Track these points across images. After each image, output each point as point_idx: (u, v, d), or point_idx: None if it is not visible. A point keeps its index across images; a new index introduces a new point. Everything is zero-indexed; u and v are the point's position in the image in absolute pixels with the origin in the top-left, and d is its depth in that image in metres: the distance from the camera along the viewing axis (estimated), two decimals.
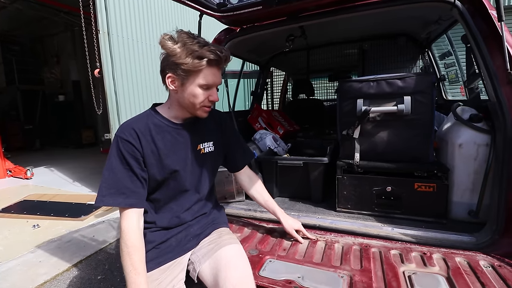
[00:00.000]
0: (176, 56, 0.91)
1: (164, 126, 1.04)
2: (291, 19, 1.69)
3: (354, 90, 1.55)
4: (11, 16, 8.24)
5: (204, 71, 0.94)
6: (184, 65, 0.91)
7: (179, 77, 0.96)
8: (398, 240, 1.35)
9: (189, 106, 1.01)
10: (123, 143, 0.95)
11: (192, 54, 0.91)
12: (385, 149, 1.54)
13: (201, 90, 0.97)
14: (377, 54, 2.62)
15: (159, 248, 1.05)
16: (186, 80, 0.96)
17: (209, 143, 1.17)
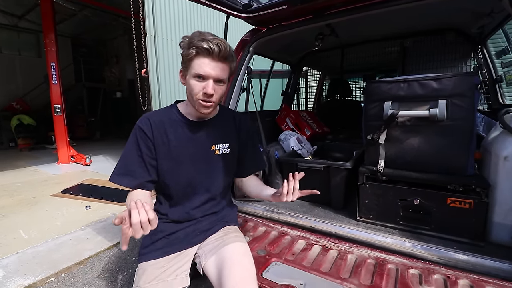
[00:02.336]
0: (182, 49, 0.99)
1: (178, 121, 1.09)
2: (317, 17, 1.63)
3: (382, 91, 1.43)
4: (80, 22, 9.42)
5: (195, 60, 0.96)
6: (184, 57, 0.98)
7: (184, 70, 1.02)
8: (421, 259, 1.22)
9: (190, 100, 1.04)
10: (139, 131, 1.04)
11: (189, 45, 0.95)
12: (414, 157, 1.40)
13: (195, 81, 0.98)
14: (420, 52, 2.37)
15: (168, 239, 1.11)
16: (186, 71, 1.00)
17: (225, 145, 1.16)
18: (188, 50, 0.95)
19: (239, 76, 1.93)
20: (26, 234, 2.90)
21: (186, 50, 0.96)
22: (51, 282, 2.18)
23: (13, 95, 9.71)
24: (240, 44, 1.94)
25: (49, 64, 5.86)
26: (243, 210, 1.80)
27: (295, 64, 2.93)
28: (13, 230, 2.97)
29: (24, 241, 2.76)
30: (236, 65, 1.12)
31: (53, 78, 5.84)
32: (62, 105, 5.97)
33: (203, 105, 1.01)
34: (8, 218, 3.32)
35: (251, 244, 1.39)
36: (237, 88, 1.95)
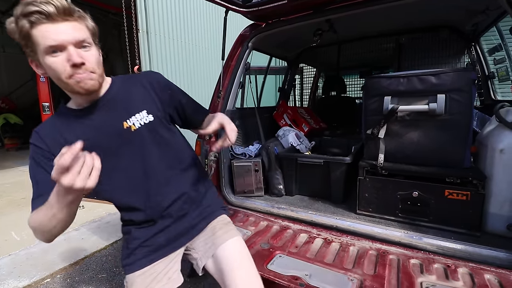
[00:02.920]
0: (12, 32, 0.73)
1: (69, 116, 0.88)
2: (317, 13, 1.64)
3: (382, 86, 1.45)
4: None
5: (34, 33, 0.71)
6: (20, 39, 0.73)
7: (31, 56, 0.77)
8: (421, 249, 1.25)
9: (60, 84, 0.79)
10: (32, 148, 0.87)
11: (16, 21, 0.71)
12: (413, 151, 1.43)
13: (52, 58, 0.73)
14: (415, 49, 2.41)
15: (149, 247, 0.98)
16: (35, 54, 0.75)
17: (141, 114, 0.92)
18: (18, 26, 0.71)
19: (238, 72, 1.92)
20: (18, 235, 2.83)
21: (16, 27, 0.72)
22: (46, 283, 2.14)
23: None
24: (239, 39, 1.93)
25: None
26: (244, 205, 1.80)
27: (292, 60, 2.94)
28: (4, 232, 2.89)
29: (16, 242, 2.69)
30: (95, 25, 0.84)
31: (41, 75, 5.66)
32: (50, 103, 5.81)
33: (79, 79, 0.77)
34: None
35: (254, 238, 1.40)
36: (236, 84, 1.95)
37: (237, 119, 2.18)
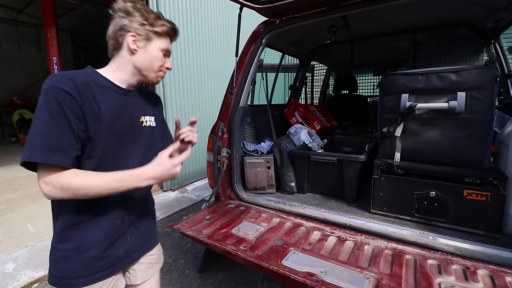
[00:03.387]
0: (141, 15, 0.87)
1: (107, 87, 0.86)
2: (332, 9, 1.62)
3: (399, 84, 1.43)
4: (80, 16, 9.32)
5: (164, 37, 0.92)
6: (150, 26, 0.88)
7: (141, 37, 0.87)
8: (438, 250, 1.23)
9: (146, 69, 0.90)
10: (60, 93, 0.73)
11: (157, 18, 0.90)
12: (431, 150, 1.40)
13: (161, 54, 0.92)
14: (432, 46, 2.36)
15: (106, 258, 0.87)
16: (149, 42, 0.89)
17: (151, 117, 1.00)
18: (160, 25, 0.90)
19: (251, 69, 1.92)
20: (34, 227, 2.91)
21: (157, 20, 0.89)
22: None
23: (14, 90, 9.64)
24: (252, 36, 1.93)
25: (51, 58, 5.80)
26: (256, 202, 1.80)
27: (304, 58, 2.92)
28: (20, 224, 2.97)
29: (32, 234, 2.76)
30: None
31: (55, 72, 5.80)
32: None
33: (160, 76, 0.95)
34: (15, 212, 3.32)
35: (267, 234, 1.40)
36: (249, 81, 1.95)
37: (249, 116, 2.18)
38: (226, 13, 5.08)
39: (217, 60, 4.92)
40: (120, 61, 0.89)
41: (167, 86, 4.00)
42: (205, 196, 3.79)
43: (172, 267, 2.25)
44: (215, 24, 4.88)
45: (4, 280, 2.08)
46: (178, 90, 4.18)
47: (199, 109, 4.55)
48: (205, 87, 4.68)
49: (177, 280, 2.08)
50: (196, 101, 4.50)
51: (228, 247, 1.27)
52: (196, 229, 1.45)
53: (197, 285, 2.03)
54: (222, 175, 1.85)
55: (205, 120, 4.61)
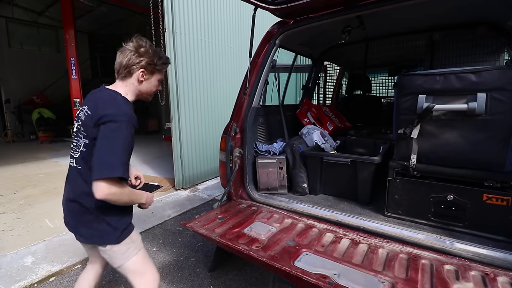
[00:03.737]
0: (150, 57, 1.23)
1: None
2: (348, 9, 1.60)
3: (416, 84, 1.40)
4: (97, 18, 9.60)
5: (162, 71, 1.33)
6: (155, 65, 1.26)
7: (147, 72, 1.25)
8: (455, 255, 1.20)
9: (145, 93, 1.31)
10: (132, 128, 1.12)
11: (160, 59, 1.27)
12: (449, 152, 1.36)
13: (158, 82, 1.33)
14: (450, 46, 2.29)
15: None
16: (152, 75, 1.28)
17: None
18: (161, 63, 1.28)
19: (264, 70, 1.92)
20: (52, 222, 3.01)
21: (159, 61, 1.27)
22: (77, 269, 2.26)
23: (33, 89, 10.01)
24: (266, 37, 1.93)
25: (69, 59, 6.00)
26: (267, 202, 1.80)
27: (317, 58, 2.90)
28: (39, 219, 3.08)
29: (50, 229, 2.86)
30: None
31: (73, 73, 5.99)
32: (81, 99, 6.12)
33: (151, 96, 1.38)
34: (33, 207, 3.44)
35: (279, 235, 1.39)
36: (262, 82, 1.95)
37: (261, 116, 2.18)
38: (239, 15, 5.11)
39: (229, 60, 4.96)
40: (130, 87, 1.26)
41: (180, 87, 4.06)
42: (216, 195, 3.82)
43: (183, 265, 2.28)
44: (228, 26, 4.91)
45: (23, 273, 2.16)
46: (191, 91, 4.23)
47: (212, 109, 4.60)
48: (218, 87, 4.72)
49: (188, 278, 2.10)
50: (209, 101, 4.54)
51: (240, 246, 1.27)
52: (209, 228, 1.47)
53: (208, 283, 2.05)
54: (234, 175, 1.87)
55: (217, 120, 4.65)
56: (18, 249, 2.46)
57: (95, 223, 1.18)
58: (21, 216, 3.17)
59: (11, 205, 3.50)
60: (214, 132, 4.57)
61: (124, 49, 1.23)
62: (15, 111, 9.54)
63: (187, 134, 4.15)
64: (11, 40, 9.75)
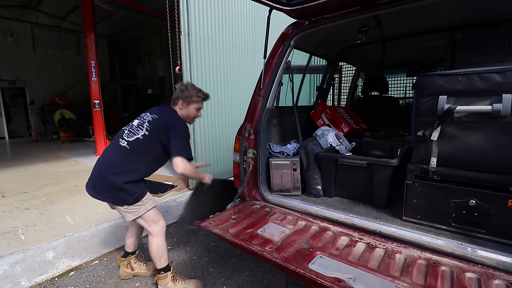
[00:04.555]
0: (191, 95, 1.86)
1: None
2: (365, 8, 1.58)
3: (436, 85, 1.35)
4: (116, 22, 9.92)
5: (200, 102, 1.91)
6: (194, 97, 1.87)
7: (186, 103, 1.86)
8: (478, 263, 1.15)
9: (186, 117, 1.90)
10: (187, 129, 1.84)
11: (198, 95, 1.88)
12: (471, 155, 1.30)
13: (196, 111, 1.90)
14: (472, 45, 2.20)
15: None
16: (189, 105, 1.87)
17: None
18: (198, 96, 1.88)
19: (279, 71, 1.92)
20: (72, 219, 3.13)
21: (196, 95, 1.87)
22: (95, 265, 2.33)
23: (56, 91, 10.47)
24: (281, 38, 1.93)
25: (89, 62, 6.23)
26: (281, 203, 1.80)
27: (332, 59, 2.86)
28: (60, 216, 3.21)
29: (70, 225, 2.97)
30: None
31: (93, 75, 6.21)
32: (100, 100, 6.33)
33: (193, 121, 1.99)
34: (55, 204, 3.59)
35: (292, 236, 1.38)
36: (276, 83, 1.95)
37: (275, 117, 2.18)
38: (253, 16, 5.14)
39: (243, 62, 4.98)
40: (178, 111, 1.87)
41: None
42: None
43: (197, 264, 2.31)
44: (242, 27, 4.94)
45: (45, 267, 2.25)
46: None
47: (226, 110, 4.63)
48: (231, 88, 4.75)
49: (201, 277, 2.13)
50: (222, 102, 4.58)
51: (254, 247, 1.27)
52: (223, 228, 1.48)
53: (221, 283, 2.06)
54: (247, 176, 1.87)
55: (231, 121, 4.68)
56: (40, 244, 2.57)
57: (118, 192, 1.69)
58: (43, 212, 3.32)
59: (34, 202, 3.66)
60: (227, 133, 4.61)
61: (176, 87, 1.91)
62: (38, 112, 10.03)
63: (201, 135, 4.21)
64: (36, 44, 10.26)
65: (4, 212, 3.34)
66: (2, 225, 2.97)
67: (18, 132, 10.19)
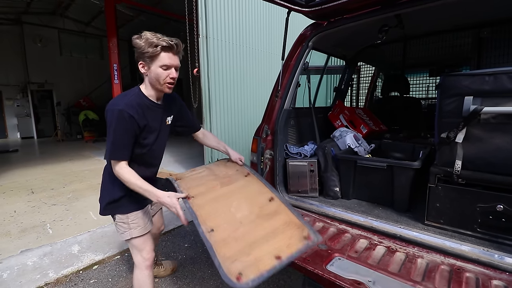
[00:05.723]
0: (141, 48, 1.23)
1: (150, 106, 1.35)
2: (386, 7, 1.55)
3: (462, 85, 1.30)
4: (136, 26, 10.27)
5: (161, 55, 1.24)
6: (146, 53, 1.23)
7: (146, 63, 1.27)
8: (505, 270, 1.10)
9: (156, 84, 1.30)
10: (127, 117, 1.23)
11: (151, 44, 1.21)
12: (500, 158, 1.25)
13: (162, 70, 1.26)
14: (500, 44, 2.10)
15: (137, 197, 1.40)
16: (151, 64, 1.26)
17: (170, 116, 1.52)
18: (153, 48, 1.22)
19: (297, 72, 1.92)
20: (95, 215, 3.27)
21: (150, 47, 1.22)
22: (117, 260, 2.43)
23: (80, 93, 10.98)
24: (299, 39, 1.93)
25: (112, 65, 6.50)
26: (298, 205, 1.79)
27: (351, 59, 2.82)
28: (84, 212, 3.37)
29: (94, 221, 3.11)
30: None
31: (115, 78, 6.46)
32: None
33: (169, 87, 1.33)
34: (79, 200, 3.77)
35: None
36: (294, 84, 1.95)
37: (293, 118, 2.18)
38: (270, 18, 5.16)
39: (260, 63, 5.02)
40: (145, 81, 1.34)
41: (212, 90, 4.19)
42: None
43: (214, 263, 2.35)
44: (259, 29, 4.98)
45: (70, 260, 2.37)
46: (223, 94, 4.35)
47: (242, 111, 4.68)
48: (248, 90, 4.79)
49: (218, 275, 2.15)
50: (239, 103, 4.63)
51: None
52: None
53: None
54: (264, 177, 1.88)
55: (247, 122, 4.72)
56: (66, 238, 2.71)
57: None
58: (69, 208, 3.49)
59: (60, 198, 3.86)
60: (244, 134, 4.65)
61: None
62: (64, 113, 10.55)
63: (218, 135, 4.27)
64: (62, 48, 10.81)
65: (34, 207, 3.54)
66: (32, 220, 3.15)
67: (46, 132, 10.78)
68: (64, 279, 2.14)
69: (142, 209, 1.48)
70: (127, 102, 1.26)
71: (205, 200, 1.27)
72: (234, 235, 1.05)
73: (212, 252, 0.95)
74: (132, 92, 1.33)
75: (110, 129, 1.24)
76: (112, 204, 1.43)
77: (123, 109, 1.22)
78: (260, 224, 1.14)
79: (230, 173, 1.54)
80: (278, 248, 1.03)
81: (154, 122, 1.38)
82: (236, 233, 1.06)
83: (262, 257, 0.99)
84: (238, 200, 1.30)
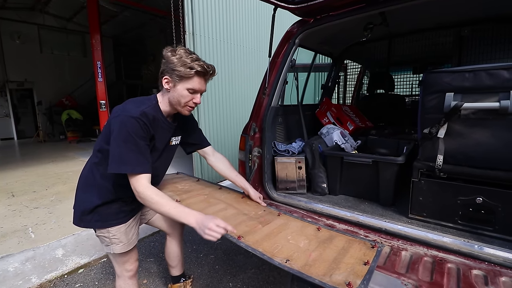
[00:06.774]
0: (173, 63, 1.17)
1: (162, 121, 1.29)
2: (371, 5, 1.57)
3: (443, 82, 1.34)
4: (121, 22, 10.01)
5: (193, 78, 1.20)
6: (179, 72, 1.17)
7: (172, 80, 1.21)
8: (484, 260, 1.14)
9: (176, 104, 1.26)
10: (142, 125, 1.15)
11: (185, 64, 1.17)
12: (479, 153, 1.30)
13: (188, 92, 1.22)
14: (480, 42, 2.17)
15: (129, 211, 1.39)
16: (179, 82, 1.21)
17: (178, 137, 1.48)
18: (186, 69, 1.17)
19: (284, 69, 1.93)
20: None
21: (183, 68, 1.17)
22: (103, 262, 2.37)
23: (63, 92, 10.61)
24: (285, 36, 1.93)
25: (95, 63, 6.30)
26: (286, 202, 1.80)
27: (337, 57, 2.85)
28: (68, 214, 3.27)
29: None
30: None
31: (99, 76, 6.28)
32: (106, 101, 6.40)
33: (189, 109, 1.30)
34: (63, 203, 3.66)
35: None
36: (281, 81, 1.95)
37: (280, 116, 2.18)
38: (257, 15, 5.14)
39: (247, 61, 5.00)
40: (164, 96, 1.28)
41: None
42: None
43: (203, 261, 2.34)
44: (246, 26, 4.96)
45: (54, 264, 2.30)
46: (210, 91, 4.31)
47: (230, 109, 4.65)
48: (236, 87, 4.77)
49: (207, 275, 2.15)
50: (227, 101, 4.60)
51: None
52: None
53: (227, 280, 2.08)
54: (253, 174, 1.88)
55: (235, 120, 4.70)
56: (50, 242, 2.63)
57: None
58: (52, 211, 3.38)
59: (43, 201, 3.73)
60: (232, 132, 4.63)
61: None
62: (46, 112, 10.18)
63: (206, 134, 4.22)
64: (42, 46, 10.40)
65: (14, 211, 3.41)
66: (13, 224, 3.03)
67: (26, 133, 10.37)
68: (48, 284, 2.08)
69: (123, 223, 1.34)
70: (144, 111, 1.16)
71: (257, 238, 1.18)
72: (312, 259, 1.04)
73: (305, 275, 0.93)
74: (149, 102, 1.24)
75: (120, 139, 1.10)
76: (88, 216, 1.28)
77: (139, 117, 1.12)
78: (327, 247, 1.14)
79: (260, 212, 1.47)
80: (358, 257, 1.06)
81: (160, 142, 1.32)
82: (312, 257, 1.06)
83: (353, 266, 1.00)
84: (290, 234, 1.25)
